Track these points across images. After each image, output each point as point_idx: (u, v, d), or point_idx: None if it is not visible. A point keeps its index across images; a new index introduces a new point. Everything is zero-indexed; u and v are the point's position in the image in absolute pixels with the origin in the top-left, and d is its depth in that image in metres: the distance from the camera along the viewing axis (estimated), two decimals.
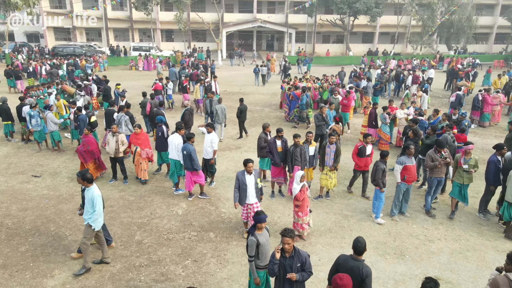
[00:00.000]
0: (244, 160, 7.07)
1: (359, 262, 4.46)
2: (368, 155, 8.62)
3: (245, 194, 7.07)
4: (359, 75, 22.33)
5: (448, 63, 32.85)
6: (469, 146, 8.05)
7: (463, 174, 7.98)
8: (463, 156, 8.07)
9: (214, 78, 17.15)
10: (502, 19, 43.81)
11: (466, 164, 7.93)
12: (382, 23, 45.06)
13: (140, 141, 9.76)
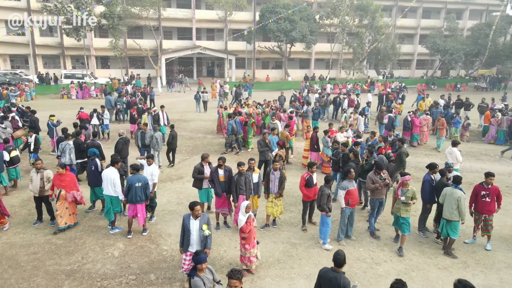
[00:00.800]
0: (191, 204, 6.33)
1: (338, 274, 4.84)
2: (315, 184, 8.55)
3: (188, 241, 6.33)
4: (299, 99, 23.08)
5: (378, 87, 35.24)
6: (406, 177, 7.68)
7: (400, 206, 7.64)
8: (400, 187, 7.77)
9: (161, 108, 16.44)
10: (421, 47, 48.43)
11: (403, 196, 7.60)
12: (317, 50, 47.53)
13: (64, 183, 8.45)
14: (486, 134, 17.67)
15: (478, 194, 7.79)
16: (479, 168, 13.47)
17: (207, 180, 8.71)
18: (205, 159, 8.86)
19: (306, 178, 8.38)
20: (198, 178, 8.76)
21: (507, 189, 11.38)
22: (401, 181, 7.72)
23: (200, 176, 8.73)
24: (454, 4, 52.37)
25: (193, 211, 6.27)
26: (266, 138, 11.51)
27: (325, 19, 39.57)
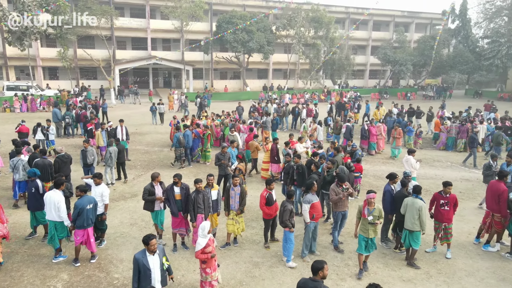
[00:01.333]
0: (144, 238, 5.50)
1: (317, 283, 4.74)
2: (276, 200, 8.22)
3: (149, 281, 5.49)
4: (258, 109, 22.90)
5: (334, 96, 36.08)
6: (371, 195, 7.07)
7: (368, 227, 7.07)
8: (365, 206, 7.17)
9: (120, 122, 15.32)
10: (373, 58, 50.51)
11: (370, 216, 7.05)
12: (274, 60, 48.08)
13: None
14: (437, 141, 18.40)
15: (437, 203, 7.85)
16: (433, 175, 13.89)
17: (159, 201, 8.09)
18: (155, 178, 8.14)
19: (266, 196, 8.00)
20: (149, 199, 8.10)
21: (460, 194, 11.73)
22: (366, 200, 7.20)
23: (150, 198, 8.06)
24: (402, 17, 55.34)
25: (148, 246, 5.50)
26: (224, 151, 11.08)
27: (281, 30, 40.11)
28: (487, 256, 7.95)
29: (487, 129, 17.42)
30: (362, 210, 7.27)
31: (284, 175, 10.20)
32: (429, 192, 11.90)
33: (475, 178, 13.34)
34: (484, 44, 46.39)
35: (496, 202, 7.86)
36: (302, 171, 9.72)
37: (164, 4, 38.37)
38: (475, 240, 8.56)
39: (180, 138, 14.20)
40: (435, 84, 51.30)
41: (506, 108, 29.34)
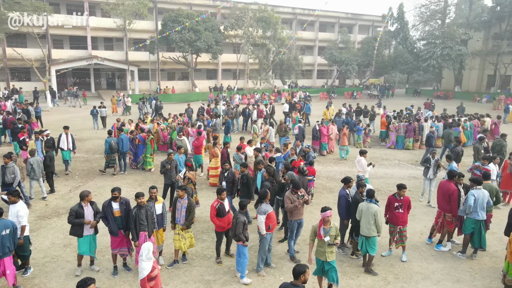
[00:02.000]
0: (80, 284, 4.46)
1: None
2: (228, 211, 7.62)
3: None
4: (207, 111, 22.14)
5: (285, 96, 36.21)
6: (327, 213, 6.34)
7: (325, 249, 6.33)
8: (321, 226, 6.40)
9: (65, 129, 13.65)
10: (321, 58, 51.65)
11: (327, 236, 6.25)
12: (223, 60, 47.44)
13: None
14: (386, 139, 18.84)
15: (392, 206, 7.71)
16: (383, 174, 14.07)
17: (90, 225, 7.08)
18: (84, 198, 7.05)
19: (217, 207, 7.38)
20: (76, 223, 7.00)
21: (410, 193, 11.88)
22: (321, 218, 6.43)
23: (78, 221, 6.97)
24: (346, 19, 57.22)
25: None
26: (171, 158, 10.25)
27: (229, 30, 39.54)
28: (441, 257, 7.96)
29: (431, 126, 18.13)
30: (317, 231, 6.44)
31: (227, 184, 9.30)
32: (381, 191, 11.97)
33: (421, 176, 13.65)
34: (421, 45, 49.19)
35: (447, 202, 7.89)
36: (246, 181, 9.05)
37: (105, 1, 36.16)
38: (428, 240, 8.58)
39: (111, 144, 13.19)
40: (379, 83, 53.64)
41: (443, 106, 31.19)
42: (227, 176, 9.40)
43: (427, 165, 11.10)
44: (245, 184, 9.04)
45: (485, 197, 7.57)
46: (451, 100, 41.31)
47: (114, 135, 15.98)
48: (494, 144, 13.20)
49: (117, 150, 13.47)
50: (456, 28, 42.84)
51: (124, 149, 13.71)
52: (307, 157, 11.49)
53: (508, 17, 41.24)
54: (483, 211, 7.61)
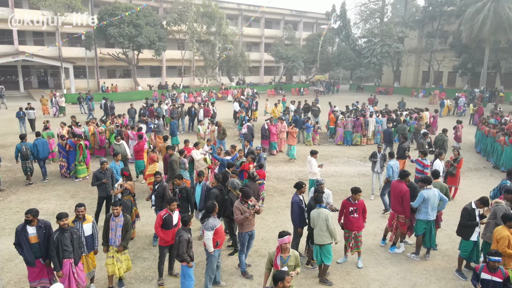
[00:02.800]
0: None
1: None
2: (176, 224, 6.75)
3: None
4: (150, 111, 20.80)
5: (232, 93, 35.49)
6: (284, 239, 5.43)
7: None
8: (278, 254, 5.49)
9: None
10: (267, 55, 51.57)
11: (285, 266, 5.37)
12: (168, 57, 45.59)
13: None
14: (334, 135, 18.87)
15: (346, 210, 7.34)
16: (333, 172, 13.91)
17: None
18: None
19: (164, 217, 6.57)
20: None
21: None
22: (278, 245, 5.55)
23: None
24: (291, 16, 57.71)
25: None
26: (104, 167, 9.07)
27: (172, 25, 37.89)
28: (395, 259, 7.76)
29: (375, 122, 18.45)
30: (273, 260, 5.56)
31: (156, 199, 8.03)
32: (332, 191, 11.69)
33: (371, 173, 13.68)
34: (362, 43, 50.96)
35: (400, 204, 7.69)
36: (186, 195, 8.00)
37: None
38: (382, 242, 8.38)
39: (22, 149, 11.79)
40: (324, 79, 54.83)
41: (385, 101, 32.39)
42: (157, 189, 8.09)
43: (374, 160, 11.14)
44: (185, 198, 7.99)
45: (436, 197, 7.46)
46: (391, 96, 43.23)
47: None
48: (436, 139, 13.56)
49: (29, 156, 12.01)
50: (393, 26, 44.79)
51: (40, 156, 12.34)
52: (258, 159, 10.91)
53: (439, 16, 43.91)
54: (434, 211, 7.51)
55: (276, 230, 8.92)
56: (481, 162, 15.29)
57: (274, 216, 9.88)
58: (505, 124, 16.85)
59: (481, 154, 16.38)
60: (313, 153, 10.44)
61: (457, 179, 11.07)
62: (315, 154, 10.41)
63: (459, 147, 17.19)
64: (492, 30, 34.42)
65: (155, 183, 8.22)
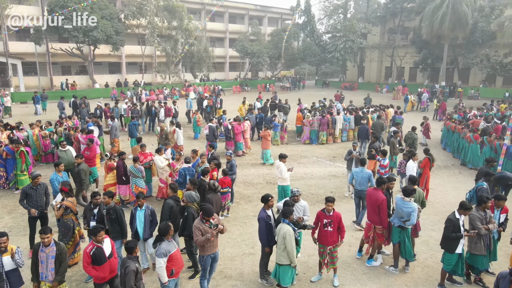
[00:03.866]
0: None
1: None
2: (111, 255, 5.66)
3: None
4: (105, 112, 19.25)
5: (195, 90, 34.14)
6: None
7: None
8: None
9: None
10: (232, 50, 50.45)
11: None
12: (127, 53, 43.44)
13: None
14: (302, 134, 18.24)
15: (321, 223, 6.59)
16: (302, 174, 13.23)
17: None
18: None
19: (91, 252, 5.38)
20: None
21: (332, 194, 11.18)
22: None
23: None
24: (255, 11, 56.84)
25: None
26: (37, 182, 7.66)
27: (131, 19, 35.89)
28: (373, 274, 7.12)
29: (343, 120, 18.00)
30: None
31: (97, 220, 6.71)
32: (302, 195, 10.99)
33: (341, 173, 13.16)
34: (327, 38, 51.00)
35: (376, 214, 7.04)
36: (116, 216, 6.57)
37: None
38: (358, 255, 7.72)
39: None
40: (290, 75, 54.50)
41: (350, 97, 32.32)
42: (96, 214, 6.79)
43: (347, 157, 10.73)
44: (114, 220, 6.55)
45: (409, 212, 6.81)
46: (356, 91, 43.55)
47: None
48: (406, 137, 13.22)
49: None
50: (356, 22, 45.07)
51: None
52: (230, 167, 9.95)
53: (400, 13, 44.65)
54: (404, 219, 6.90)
55: (244, 245, 8.08)
56: (449, 159, 15.18)
57: (240, 227, 9.00)
58: (468, 120, 16.91)
59: (447, 150, 16.34)
60: (282, 157, 9.64)
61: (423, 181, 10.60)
62: (284, 158, 9.61)
63: (426, 144, 17.21)
64: (451, 26, 35.28)
65: (93, 205, 6.88)
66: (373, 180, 8.49)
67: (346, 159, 10.87)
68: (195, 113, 18.02)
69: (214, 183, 7.54)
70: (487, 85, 39.72)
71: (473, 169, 13.58)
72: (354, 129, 18.47)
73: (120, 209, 6.74)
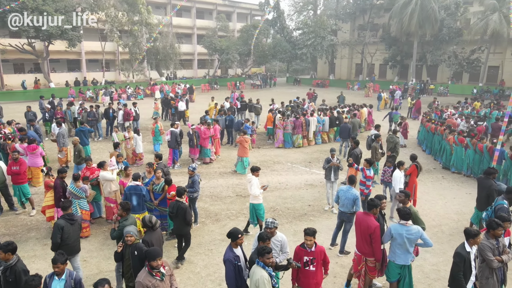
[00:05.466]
0: None
1: None
2: None
3: None
4: (54, 114, 17.16)
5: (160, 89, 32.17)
6: None
7: None
8: None
9: None
10: (200, 47, 48.55)
11: None
12: (88, 49, 40.77)
13: None
14: (274, 138, 16.95)
15: (301, 261, 5.31)
16: (276, 183, 11.92)
17: None
18: None
19: None
20: None
21: (310, 208, 9.98)
22: None
23: None
24: (224, 6, 55.09)
25: None
26: None
27: (89, 13, 33.32)
28: None
29: (317, 121, 16.90)
30: None
31: None
32: (277, 211, 9.75)
33: (318, 182, 11.99)
34: (297, 35, 50.09)
35: (368, 243, 5.83)
36: (15, 280, 4.75)
37: None
38: None
39: None
40: (260, 72, 53.27)
41: (322, 94, 31.52)
42: None
43: (326, 166, 9.65)
44: (12, 285, 4.72)
45: (411, 238, 5.63)
46: (328, 88, 42.93)
47: None
48: (387, 141, 12.22)
49: None
50: (326, 18, 44.40)
51: None
52: (191, 183, 8.50)
53: (369, 9, 44.38)
54: (410, 255, 5.72)
55: (209, 282, 6.70)
56: (430, 162, 14.37)
57: (205, 257, 7.58)
58: (445, 119, 16.24)
59: (426, 152, 15.59)
60: (254, 170, 8.26)
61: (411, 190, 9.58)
62: (256, 172, 8.24)
63: (405, 145, 16.42)
64: (419, 23, 35.18)
65: None
66: (359, 204, 7.26)
67: (324, 168, 9.68)
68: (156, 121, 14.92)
69: (151, 218, 5.95)
70: (454, 82, 40.14)
71: (456, 173, 12.82)
72: (328, 131, 17.45)
73: (22, 270, 4.86)
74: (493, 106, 20.94)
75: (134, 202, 7.47)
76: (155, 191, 8.24)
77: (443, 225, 8.76)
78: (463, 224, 8.99)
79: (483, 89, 34.36)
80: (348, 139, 14.50)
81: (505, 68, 38.20)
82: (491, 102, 22.67)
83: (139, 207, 7.59)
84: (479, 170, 11.82)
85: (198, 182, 8.68)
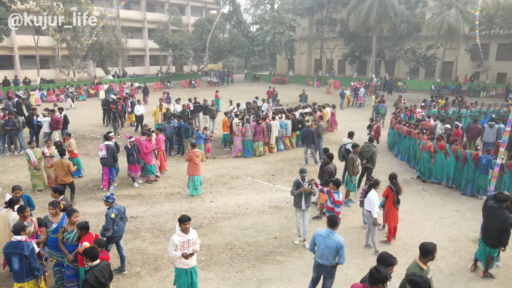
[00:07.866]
0: None
1: None
2: None
3: None
4: None
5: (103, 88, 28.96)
6: None
7: None
8: None
9: None
10: (152, 42, 45.23)
11: None
12: (22, 44, 36.37)
13: None
14: (232, 145, 14.85)
15: None
16: (234, 207, 9.81)
17: None
18: None
19: None
20: None
21: (277, 241, 8.02)
22: None
23: None
24: None
25: None
26: None
27: (17, 2, 29.24)
28: None
29: (279, 126, 15.02)
30: None
31: None
32: (235, 249, 7.68)
33: (285, 202, 10.07)
34: (254, 29, 48.15)
35: None
36: None
37: None
38: None
39: None
40: (217, 69, 50.82)
41: (283, 92, 29.84)
42: None
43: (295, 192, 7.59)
44: None
45: None
46: (288, 85, 41.44)
47: None
48: (362, 150, 10.49)
49: None
50: (284, 13, 42.85)
51: None
52: (106, 221, 6.24)
53: (327, 4, 43.34)
54: None
55: None
56: (405, 170, 12.91)
57: None
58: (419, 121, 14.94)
59: (398, 158, 14.22)
60: (181, 221, 5.52)
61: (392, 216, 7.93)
62: (185, 223, 5.47)
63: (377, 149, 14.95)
64: (378, 18, 34.52)
65: None
66: (343, 254, 5.37)
67: (293, 194, 7.70)
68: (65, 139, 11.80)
69: None
70: (412, 78, 40.14)
71: (436, 183, 11.43)
72: (291, 136, 15.67)
73: None
74: (458, 103, 20.25)
75: (15, 266, 5.11)
76: (67, 241, 5.91)
77: (439, 260, 7.15)
78: (461, 255, 7.47)
79: (440, 85, 34.36)
80: (312, 144, 13.07)
81: (459, 64, 38.70)
82: (455, 99, 22.03)
83: (21, 273, 5.24)
84: (464, 181, 10.50)
85: (110, 217, 6.40)
